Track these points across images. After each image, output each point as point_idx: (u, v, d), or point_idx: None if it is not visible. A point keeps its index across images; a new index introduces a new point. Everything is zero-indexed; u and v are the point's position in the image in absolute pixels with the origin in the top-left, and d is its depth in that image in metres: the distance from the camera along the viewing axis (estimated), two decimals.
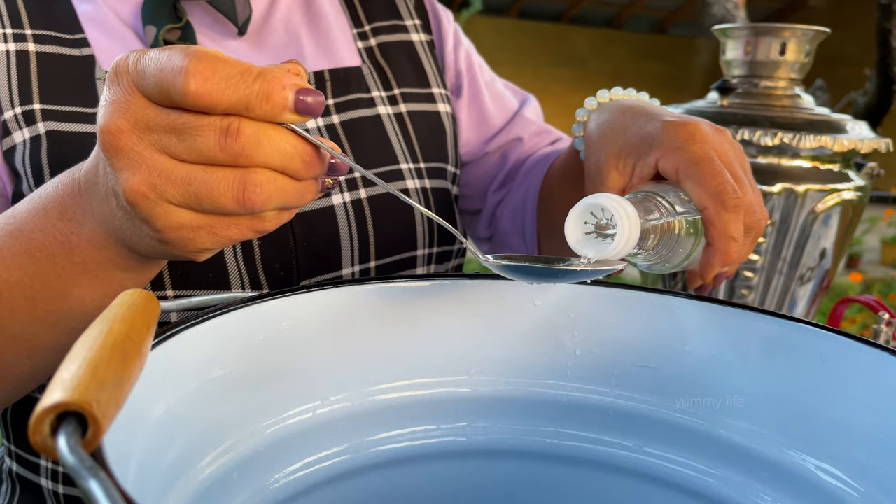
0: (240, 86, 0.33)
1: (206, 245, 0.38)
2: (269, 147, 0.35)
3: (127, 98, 0.35)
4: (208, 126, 0.34)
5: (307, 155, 0.36)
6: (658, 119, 0.50)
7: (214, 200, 0.35)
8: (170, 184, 0.35)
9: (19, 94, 0.55)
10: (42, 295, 0.43)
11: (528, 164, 0.76)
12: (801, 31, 0.83)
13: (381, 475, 0.46)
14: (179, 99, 0.33)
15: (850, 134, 0.82)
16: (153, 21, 0.58)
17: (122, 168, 0.35)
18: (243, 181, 0.35)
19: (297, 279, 0.61)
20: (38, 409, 0.22)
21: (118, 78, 0.35)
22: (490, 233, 0.79)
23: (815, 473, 0.41)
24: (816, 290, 0.90)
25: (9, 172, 0.56)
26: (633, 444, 0.47)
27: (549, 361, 0.48)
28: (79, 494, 0.61)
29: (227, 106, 0.33)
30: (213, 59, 0.33)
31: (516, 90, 0.83)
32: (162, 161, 0.35)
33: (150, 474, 0.31)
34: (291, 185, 0.36)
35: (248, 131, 0.34)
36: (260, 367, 0.41)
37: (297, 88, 0.34)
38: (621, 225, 0.41)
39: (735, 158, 0.49)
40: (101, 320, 0.27)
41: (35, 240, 0.42)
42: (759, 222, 0.48)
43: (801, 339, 0.43)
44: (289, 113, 0.34)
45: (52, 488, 0.61)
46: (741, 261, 0.50)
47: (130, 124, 0.34)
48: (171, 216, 0.36)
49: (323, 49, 0.68)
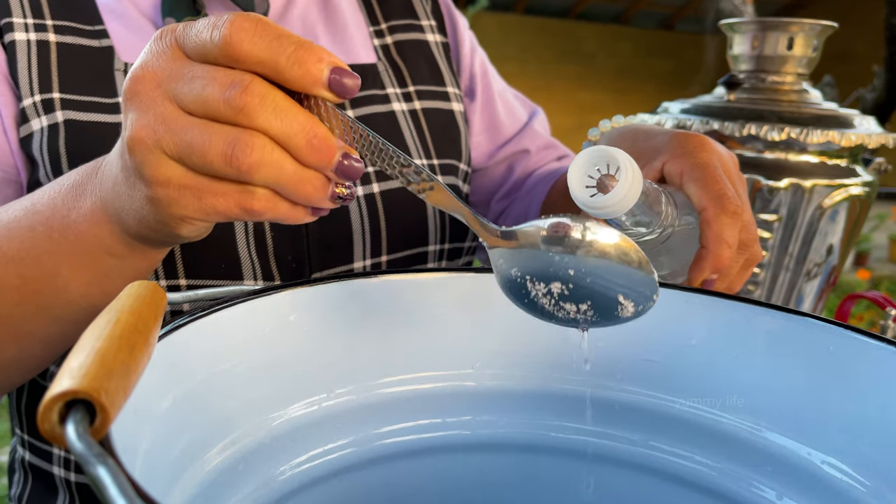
0: (273, 43, 0.32)
1: (190, 211, 0.36)
2: (273, 112, 0.33)
3: (164, 49, 0.34)
4: (221, 76, 0.33)
5: (315, 136, 0.34)
6: (668, 133, 0.52)
7: (204, 154, 0.33)
8: (168, 131, 0.34)
9: (39, 83, 0.56)
10: (33, 273, 0.43)
11: (533, 178, 0.77)
12: (809, 25, 0.83)
13: (387, 468, 0.46)
14: (212, 46, 0.33)
15: (857, 129, 0.82)
16: (172, 13, 0.59)
17: (133, 110, 0.35)
18: (235, 139, 0.33)
19: (308, 271, 0.61)
20: (47, 397, 0.22)
21: (163, 34, 0.35)
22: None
23: (821, 468, 0.41)
24: (823, 286, 0.90)
25: (24, 160, 0.56)
26: (639, 438, 0.47)
27: (554, 355, 0.48)
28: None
29: (256, 59, 0.32)
30: (257, 18, 0.33)
31: (525, 102, 0.83)
32: (169, 109, 0.34)
33: (158, 465, 0.32)
34: (289, 163, 0.34)
35: (256, 89, 0.33)
36: (266, 360, 0.41)
37: (334, 66, 0.33)
38: (625, 171, 0.40)
39: (738, 180, 0.50)
40: (109, 311, 0.28)
41: (40, 213, 0.43)
42: (755, 243, 0.49)
43: (807, 333, 0.43)
44: (321, 88, 0.33)
45: (64, 476, 0.62)
46: (732, 283, 0.50)
47: (154, 72, 0.34)
48: (161, 166, 0.35)
49: (339, 45, 0.69)
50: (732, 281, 0.50)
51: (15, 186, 0.57)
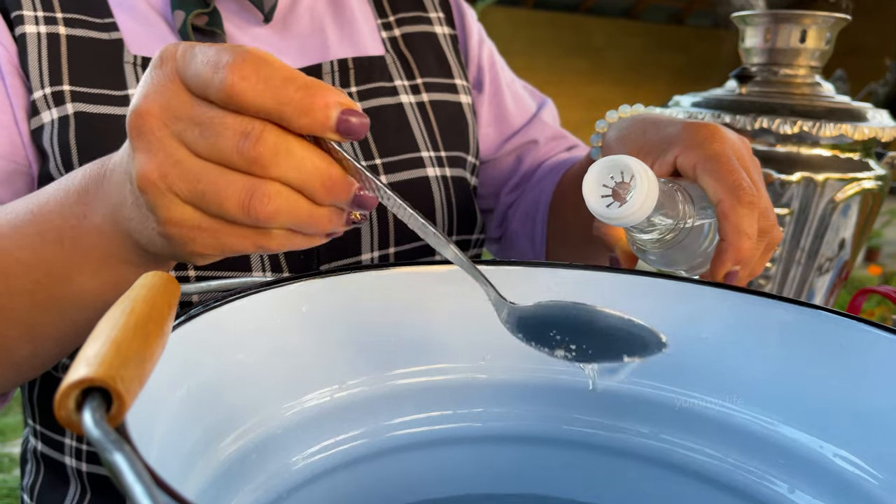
0: (279, 91, 0.32)
1: (206, 249, 0.36)
2: (287, 161, 0.33)
3: (165, 83, 0.34)
4: (232, 125, 0.32)
5: (329, 178, 0.34)
6: (678, 123, 0.51)
7: (220, 203, 0.33)
8: (180, 177, 0.34)
9: (49, 75, 0.56)
10: (46, 279, 0.43)
11: (542, 169, 0.77)
12: (822, 17, 0.82)
13: (398, 459, 0.46)
14: (215, 91, 0.32)
15: (870, 122, 0.81)
16: (182, 6, 0.59)
17: (140, 150, 0.34)
18: (252, 189, 0.33)
19: (316, 263, 0.61)
20: (64, 385, 0.22)
21: (163, 63, 0.34)
22: (500, 233, 0.80)
23: (833, 461, 0.41)
24: (835, 280, 0.89)
25: (35, 152, 0.57)
26: (649, 430, 0.47)
27: None
28: (102, 472, 0.62)
29: (261, 108, 0.32)
30: (259, 59, 0.32)
31: (535, 93, 0.83)
32: (180, 152, 0.34)
33: (172, 453, 0.32)
34: (305, 206, 0.34)
35: (269, 140, 0.32)
36: (279, 351, 0.41)
37: (343, 108, 0.32)
38: (640, 182, 0.40)
39: (753, 166, 0.49)
40: (123, 301, 0.28)
41: (49, 220, 0.42)
42: (774, 228, 0.48)
43: (819, 326, 0.43)
44: (330, 132, 0.33)
45: (75, 466, 0.62)
46: (752, 271, 0.50)
47: (160, 109, 0.34)
48: (175, 210, 0.35)
49: (347, 38, 0.69)
50: (754, 267, 0.50)
51: (26, 178, 0.57)
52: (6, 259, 0.43)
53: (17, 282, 0.43)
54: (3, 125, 0.56)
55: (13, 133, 0.56)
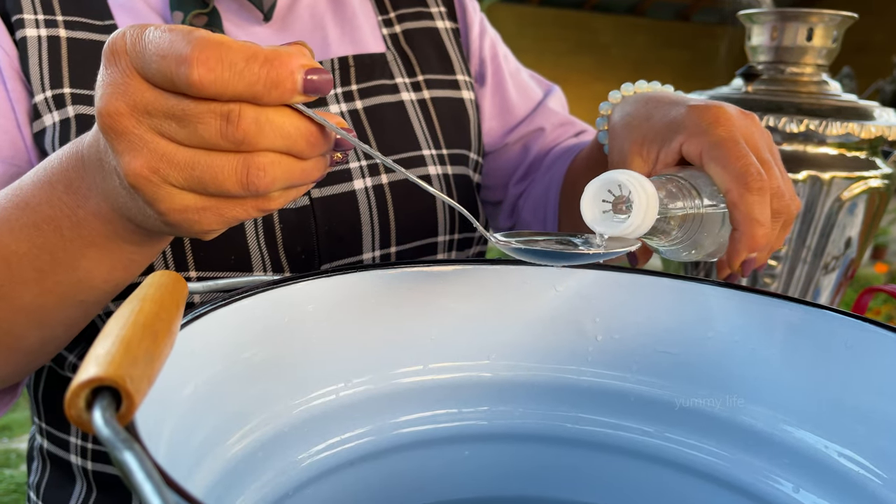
0: (245, 73, 0.32)
1: (213, 226, 0.37)
2: (271, 131, 0.34)
3: (125, 80, 0.33)
4: (209, 113, 0.33)
5: (311, 135, 0.35)
6: (682, 105, 0.50)
7: (219, 185, 0.34)
8: (172, 168, 0.34)
9: (50, 78, 0.56)
10: (50, 267, 0.43)
11: (550, 156, 0.76)
12: (829, 16, 0.82)
13: (403, 457, 0.46)
14: (183, 87, 0.32)
15: (877, 121, 0.81)
16: (181, 7, 0.59)
17: (123, 151, 0.34)
18: (247, 165, 0.34)
19: (318, 263, 0.62)
20: (74, 384, 0.22)
21: (115, 58, 0.34)
22: (511, 224, 0.79)
23: (838, 460, 0.41)
24: (841, 279, 0.89)
25: (38, 155, 0.57)
26: (654, 429, 0.47)
27: (570, 347, 0.48)
28: (107, 471, 0.62)
29: (233, 95, 0.32)
30: (218, 45, 0.32)
31: (541, 80, 0.82)
32: (163, 145, 0.34)
33: (180, 451, 0.32)
34: (296, 165, 0.36)
35: (249, 117, 0.33)
36: (284, 350, 0.41)
37: (306, 69, 0.33)
38: (638, 201, 0.40)
39: (762, 142, 0.48)
40: (132, 300, 0.28)
41: (42, 212, 0.42)
42: (788, 207, 0.47)
43: (825, 325, 0.43)
44: (298, 95, 0.34)
45: (81, 465, 0.63)
46: (771, 248, 0.49)
47: (129, 107, 0.33)
48: (175, 199, 0.35)
49: (348, 35, 0.68)
50: (772, 244, 0.49)
51: None
52: (4, 250, 0.43)
53: (22, 271, 0.44)
54: (5, 129, 0.56)
55: (15, 137, 0.56)
